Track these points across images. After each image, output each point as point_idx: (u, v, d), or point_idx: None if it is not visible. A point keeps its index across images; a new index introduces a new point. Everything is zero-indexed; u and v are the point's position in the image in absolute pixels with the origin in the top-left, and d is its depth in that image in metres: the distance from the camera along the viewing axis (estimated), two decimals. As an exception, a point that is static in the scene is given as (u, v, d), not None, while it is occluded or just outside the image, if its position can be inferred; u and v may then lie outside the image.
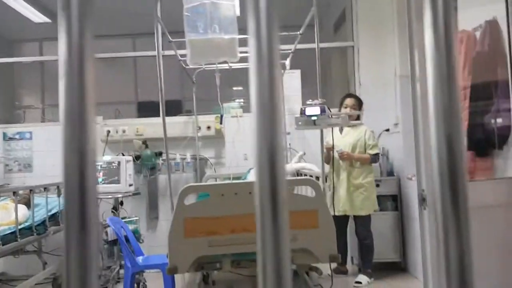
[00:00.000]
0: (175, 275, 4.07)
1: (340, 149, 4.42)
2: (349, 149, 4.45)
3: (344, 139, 4.53)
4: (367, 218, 4.48)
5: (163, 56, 4.05)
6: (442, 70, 0.50)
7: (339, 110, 4.57)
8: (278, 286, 0.47)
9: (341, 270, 4.64)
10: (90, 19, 0.51)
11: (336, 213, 4.48)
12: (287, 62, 5.05)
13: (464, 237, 0.47)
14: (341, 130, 4.62)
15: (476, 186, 2.75)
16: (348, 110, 4.47)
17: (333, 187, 4.52)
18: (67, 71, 0.49)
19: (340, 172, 4.49)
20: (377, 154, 4.50)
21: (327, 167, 4.56)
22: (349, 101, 4.55)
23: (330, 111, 3.21)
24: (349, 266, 4.82)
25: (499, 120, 2.99)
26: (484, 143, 3.10)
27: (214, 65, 4.31)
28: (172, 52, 4.57)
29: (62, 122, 0.51)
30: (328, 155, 4.47)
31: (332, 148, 4.42)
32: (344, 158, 4.41)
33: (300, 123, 3.15)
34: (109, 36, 6.87)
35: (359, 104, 4.57)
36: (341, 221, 4.51)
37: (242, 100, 7.30)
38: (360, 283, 4.36)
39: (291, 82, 5.40)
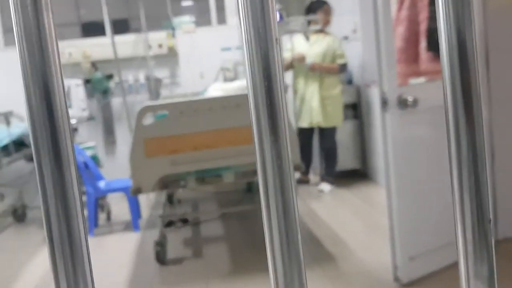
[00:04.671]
0: (140, 197, 4.06)
1: (311, 60, 4.30)
2: (320, 59, 4.33)
3: (312, 48, 4.37)
4: (334, 129, 4.50)
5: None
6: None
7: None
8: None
9: (303, 179, 4.74)
10: None
11: (306, 125, 4.48)
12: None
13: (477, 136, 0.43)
14: (307, 38, 4.46)
15: (434, 86, 2.77)
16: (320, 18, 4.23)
17: (301, 98, 4.46)
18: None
19: (309, 83, 4.41)
20: (345, 64, 4.42)
21: (288, 78, 4.47)
22: (319, 15, 4.25)
23: (288, 17, 3.06)
24: (311, 176, 4.92)
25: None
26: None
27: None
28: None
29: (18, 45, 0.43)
30: (289, 63, 4.34)
31: (303, 58, 4.27)
32: (315, 69, 4.32)
33: (257, 32, 2.99)
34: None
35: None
36: (308, 133, 4.54)
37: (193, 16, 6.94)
38: (323, 191, 4.47)
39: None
